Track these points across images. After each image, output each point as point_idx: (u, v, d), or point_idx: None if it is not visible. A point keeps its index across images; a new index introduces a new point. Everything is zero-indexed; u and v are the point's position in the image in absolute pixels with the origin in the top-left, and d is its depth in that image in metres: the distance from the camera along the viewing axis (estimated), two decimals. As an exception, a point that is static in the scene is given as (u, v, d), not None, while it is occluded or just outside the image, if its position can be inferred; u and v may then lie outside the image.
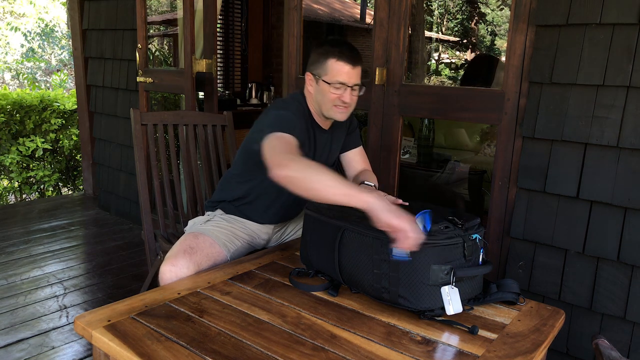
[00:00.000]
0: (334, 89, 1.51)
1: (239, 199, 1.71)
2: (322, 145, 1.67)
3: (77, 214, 3.85)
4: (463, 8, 14.07)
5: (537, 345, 1.09)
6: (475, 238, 1.20)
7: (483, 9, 13.75)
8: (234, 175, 1.73)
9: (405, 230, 1.09)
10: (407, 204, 1.34)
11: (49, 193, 4.74)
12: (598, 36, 1.69)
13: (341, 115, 1.57)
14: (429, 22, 12.88)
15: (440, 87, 2.16)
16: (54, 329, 2.18)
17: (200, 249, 1.52)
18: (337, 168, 1.84)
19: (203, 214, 1.84)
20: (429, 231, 1.15)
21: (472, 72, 3.62)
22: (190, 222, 1.76)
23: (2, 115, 4.17)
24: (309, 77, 1.57)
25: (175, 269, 1.43)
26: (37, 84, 7.48)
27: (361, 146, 1.82)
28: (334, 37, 1.59)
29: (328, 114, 1.58)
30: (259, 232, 1.75)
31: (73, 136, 4.65)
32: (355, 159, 1.79)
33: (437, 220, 1.19)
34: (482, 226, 1.26)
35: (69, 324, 2.23)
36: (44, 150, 4.46)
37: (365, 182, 1.62)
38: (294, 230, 1.84)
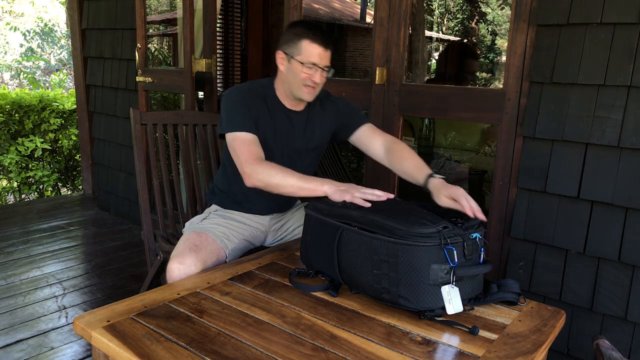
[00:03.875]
0: (306, 68, 1.57)
1: (229, 183, 1.75)
2: (290, 126, 1.68)
3: (76, 214, 3.84)
4: (463, 7, 14.06)
5: (538, 346, 1.08)
6: (475, 237, 1.20)
7: (484, 8, 13.74)
8: (223, 160, 1.80)
9: (355, 196, 1.32)
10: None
11: (48, 193, 4.74)
12: (599, 36, 1.69)
13: (309, 95, 1.61)
14: (430, 21, 12.87)
15: (441, 87, 2.16)
16: (53, 329, 2.18)
17: (204, 246, 1.55)
18: (329, 153, 1.83)
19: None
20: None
21: (445, 60, 3.57)
22: (187, 224, 1.77)
23: (1, 115, 4.17)
24: (280, 55, 1.62)
25: (184, 267, 1.45)
26: (37, 83, 7.47)
27: (369, 123, 1.75)
28: (307, 20, 1.66)
29: (297, 94, 1.62)
30: (256, 224, 1.77)
31: (72, 136, 4.64)
32: (367, 134, 1.72)
33: (437, 220, 1.18)
34: (483, 225, 1.26)
35: (68, 324, 2.22)
36: (43, 150, 4.46)
37: (433, 174, 1.48)
38: (292, 228, 1.84)
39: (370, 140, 1.72)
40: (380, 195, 1.33)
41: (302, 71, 1.56)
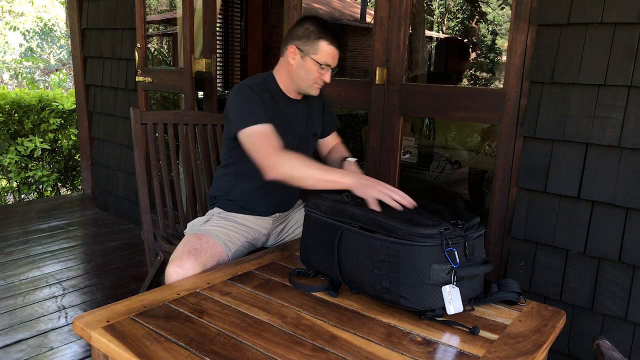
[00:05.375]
0: (320, 69, 1.61)
1: (231, 188, 1.74)
2: (294, 115, 1.72)
3: (75, 214, 3.84)
4: (464, 7, 14.06)
5: (538, 346, 1.08)
6: (478, 237, 1.20)
7: (484, 8, 13.73)
8: (222, 167, 1.79)
9: (381, 192, 1.29)
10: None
11: (48, 193, 4.73)
12: (599, 35, 1.68)
13: (317, 91, 1.69)
14: (430, 21, 12.87)
15: (441, 87, 2.15)
16: (52, 329, 2.17)
17: (204, 249, 1.53)
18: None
19: (203, 214, 1.84)
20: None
21: (437, 58, 3.54)
22: (189, 225, 1.76)
23: (1, 115, 4.16)
24: (292, 49, 1.62)
25: (182, 270, 1.44)
26: (35, 84, 7.46)
27: (335, 129, 1.94)
28: (320, 17, 1.69)
29: (306, 90, 1.67)
30: (259, 227, 1.76)
31: (72, 136, 4.64)
32: (332, 141, 1.91)
33: (439, 222, 1.18)
34: (483, 225, 1.26)
35: (68, 324, 2.22)
36: (43, 150, 4.45)
37: (347, 158, 1.75)
38: (293, 228, 1.84)
39: (329, 146, 1.89)
40: (404, 196, 1.29)
41: (316, 70, 1.61)
